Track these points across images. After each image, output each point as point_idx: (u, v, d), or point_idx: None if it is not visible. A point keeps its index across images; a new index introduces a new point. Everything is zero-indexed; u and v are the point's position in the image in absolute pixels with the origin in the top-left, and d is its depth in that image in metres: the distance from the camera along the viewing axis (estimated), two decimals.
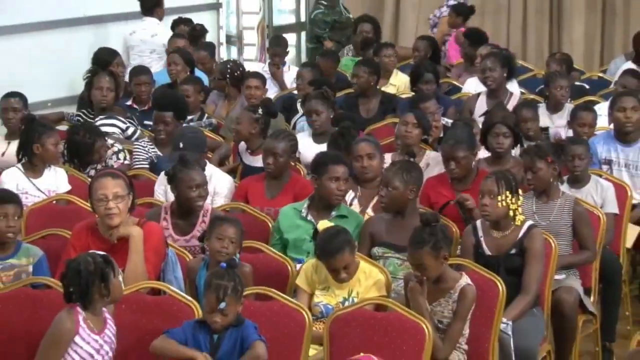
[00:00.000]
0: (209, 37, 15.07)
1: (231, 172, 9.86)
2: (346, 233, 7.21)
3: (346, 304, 6.94)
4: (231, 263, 6.50)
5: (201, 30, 14.39)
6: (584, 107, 10.22)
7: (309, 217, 7.99)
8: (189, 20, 14.25)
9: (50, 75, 12.48)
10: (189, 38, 14.06)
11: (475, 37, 13.82)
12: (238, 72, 12.11)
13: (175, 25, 14.19)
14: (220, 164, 9.95)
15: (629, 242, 8.92)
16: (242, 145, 10.00)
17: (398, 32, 16.13)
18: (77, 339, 6.03)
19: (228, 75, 12.08)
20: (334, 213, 7.97)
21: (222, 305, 6.13)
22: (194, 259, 7.33)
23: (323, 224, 7.39)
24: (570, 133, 10.01)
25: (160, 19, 14.65)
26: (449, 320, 6.80)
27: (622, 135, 9.41)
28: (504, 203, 7.40)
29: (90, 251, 6.35)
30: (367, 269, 7.15)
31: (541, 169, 8.10)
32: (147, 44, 14.13)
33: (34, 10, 12.35)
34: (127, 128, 10.63)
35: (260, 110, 9.86)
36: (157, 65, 13.75)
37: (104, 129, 10.33)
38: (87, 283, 6.02)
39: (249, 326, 6.24)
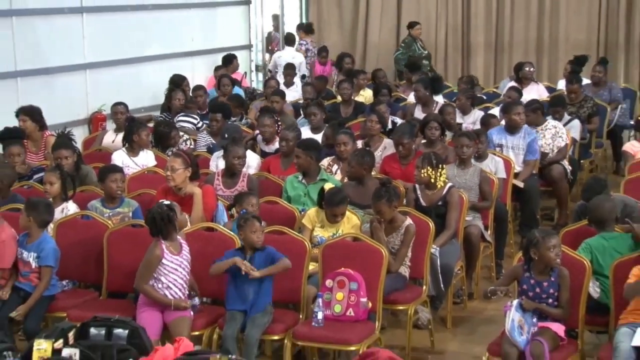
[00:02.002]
0: (243, 66, 14.96)
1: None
2: (343, 192, 7.25)
3: (334, 236, 6.91)
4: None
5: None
6: (492, 116, 10.19)
7: (303, 181, 7.98)
8: (235, 56, 14.16)
9: (143, 91, 12.43)
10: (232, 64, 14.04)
11: (413, 66, 13.71)
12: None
13: (228, 58, 14.02)
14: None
15: (518, 184, 9.01)
16: (259, 137, 9.95)
17: (365, 63, 16.03)
18: (164, 260, 6.11)
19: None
20: (318, 178, 7.95)
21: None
22: (228, 222, 7.29)
23: (328, 186, 7.42)
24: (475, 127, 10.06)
25: (296, 48, 15.50)
26: (398, 246, 6.84)
27: (511, 128, 9.40)
28: (425, 174, 7.51)
29: (159, 202, 6.44)
30: (349, 215, 7.15)
31: (471, 145, 8.21)
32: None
33: (129, 50, 12.36)
34: (198, 122, 10.53)
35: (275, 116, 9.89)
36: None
37: (182, 123, 10.36)
38: (161, 225, 6.11)
39: (272, 250, 6.30)
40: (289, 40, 15.68)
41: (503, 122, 9.72)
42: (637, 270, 5.81)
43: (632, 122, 11.98)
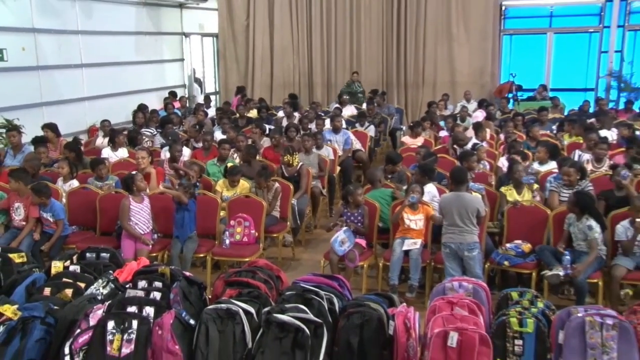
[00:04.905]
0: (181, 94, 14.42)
1: None
2: (238, 168, 7.13)
3: (234, 195, 6.79)
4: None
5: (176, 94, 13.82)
6: (320, 117, 10.20)
7: (218, 164, 7.77)
8: (175, 92, 13.77)
9: (120, 113, 11.88)
10: (174, 96, 13.55)
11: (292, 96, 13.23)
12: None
13: (171, 94, 13.57)
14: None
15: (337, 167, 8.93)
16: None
17: (253, 94, 15.75)
18: (131, 206, 5.96)
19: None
20: (226, 161, 7.75)
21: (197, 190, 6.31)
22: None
23: (229, 164, 7.30)
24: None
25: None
26: (271, 199, 6.78)
27: (335, 130, 9.39)
28: (286, 158, 7.52)
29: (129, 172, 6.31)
30: (243, 182, 7.03)
31: (311, 141, 8.18)
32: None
33: (111, 89, 11.85)
34: (154, 132, 9.89)
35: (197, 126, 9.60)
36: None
37: (145, 132, 9.73)
38: (125, 184, 6.10)
39: (193, 203, 6.17)
40: (199, 82, 15.18)
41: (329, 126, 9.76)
42: (397, 208, 6.02)
43: (402, 126, 12.42)
